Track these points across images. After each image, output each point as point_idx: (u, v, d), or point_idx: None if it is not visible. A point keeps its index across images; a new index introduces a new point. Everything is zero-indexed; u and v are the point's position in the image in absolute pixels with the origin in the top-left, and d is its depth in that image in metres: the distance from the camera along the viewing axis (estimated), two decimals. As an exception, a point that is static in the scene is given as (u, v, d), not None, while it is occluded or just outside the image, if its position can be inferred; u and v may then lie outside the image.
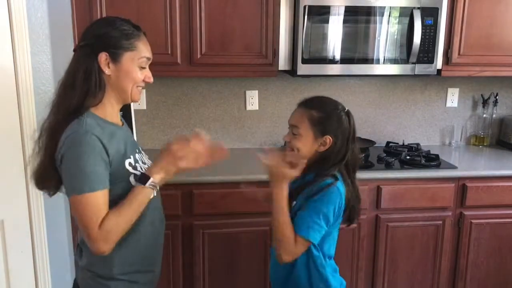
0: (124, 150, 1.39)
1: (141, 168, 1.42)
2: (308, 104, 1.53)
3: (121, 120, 1.50)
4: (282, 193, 1.44)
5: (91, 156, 1.28)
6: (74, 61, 1.37)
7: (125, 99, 1.42)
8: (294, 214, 1.48)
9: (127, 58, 1.36)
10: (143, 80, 1.41)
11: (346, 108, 1.53)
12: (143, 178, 1.35)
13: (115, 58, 1.35)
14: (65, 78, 1.37)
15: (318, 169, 1.50)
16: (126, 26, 1.38)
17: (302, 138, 1.49)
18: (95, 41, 1.35)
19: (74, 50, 1.38)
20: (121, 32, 1.36)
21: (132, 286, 1.45)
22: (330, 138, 1.47)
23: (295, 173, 1.43)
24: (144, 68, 1.41)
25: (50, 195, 1.47)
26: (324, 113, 1.49)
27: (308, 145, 1.50)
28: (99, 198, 1.29)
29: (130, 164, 1.39)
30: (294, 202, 1.50)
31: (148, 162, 1.52)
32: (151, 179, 1.35)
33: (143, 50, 1.39)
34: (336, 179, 1.48)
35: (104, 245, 1.30)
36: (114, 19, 1.42)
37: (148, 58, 1.42)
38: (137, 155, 1.46)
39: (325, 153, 1.49)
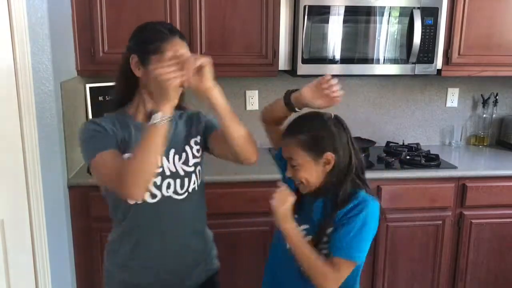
0: (129, 144, 1.39)
1: None
2: (291, 130, 1.42)
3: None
4: (292, 227, 1.37)
5: (91, 130, 1.38)
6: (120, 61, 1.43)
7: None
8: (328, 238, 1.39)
9: (154, 61, 1.34)
10: None
11: (332, 115, 1.43)
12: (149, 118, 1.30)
13: (143, 61, 1.36)
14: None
15: (335, 188, 1.39)
16: (159, 29, 1.37)
17: (303, 168, 1.38)
18: (129, 43, 1.40)
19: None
20: (149, 36, 1.36)
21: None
22: (331, 153, 1.36)
23: (291, 198, 1.38)
24: None
25: None
26: (311, 133, 1.38)
27: (313, 171, 1.38)
28: (106, 156, 1.33)
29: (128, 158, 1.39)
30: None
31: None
32: (155, 115, 1.28)
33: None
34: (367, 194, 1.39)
35: (133, 189, 1.28)
36: (150, 23, 1.42)
37: None
38: None
39: (334, 169, 1.38)
